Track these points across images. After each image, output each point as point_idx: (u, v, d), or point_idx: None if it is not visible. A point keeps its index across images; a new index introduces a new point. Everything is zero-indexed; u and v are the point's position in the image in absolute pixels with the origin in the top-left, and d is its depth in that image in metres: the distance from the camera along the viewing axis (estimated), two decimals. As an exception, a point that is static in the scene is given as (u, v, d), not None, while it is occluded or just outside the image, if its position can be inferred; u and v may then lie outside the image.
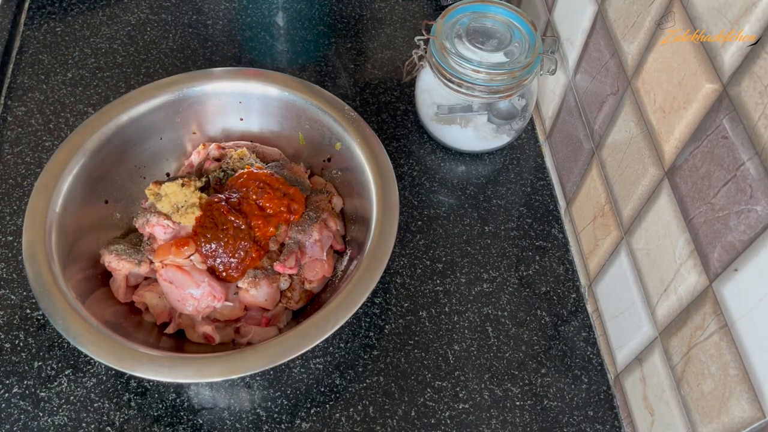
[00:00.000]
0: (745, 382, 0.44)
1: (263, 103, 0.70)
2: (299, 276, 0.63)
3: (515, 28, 0.70)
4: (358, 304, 0.55)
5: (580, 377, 0.63)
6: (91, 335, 0.53)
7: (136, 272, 0.62)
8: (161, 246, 0.61)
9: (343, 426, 0.59)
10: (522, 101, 0.74)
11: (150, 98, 0.66)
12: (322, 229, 0.64)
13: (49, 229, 0.58)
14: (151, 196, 0.63)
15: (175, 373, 0.52)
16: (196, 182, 0.64)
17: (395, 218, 0.60)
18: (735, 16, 0.42)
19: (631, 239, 0.58)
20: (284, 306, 0.63)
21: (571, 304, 0.67)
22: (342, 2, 0.92)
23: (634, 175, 0.57)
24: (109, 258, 0.61)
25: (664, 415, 0.54)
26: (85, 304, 0.56)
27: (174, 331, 0.61)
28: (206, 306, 0.59)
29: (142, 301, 0.62)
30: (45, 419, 0.58)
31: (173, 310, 0.61)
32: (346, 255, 0.66)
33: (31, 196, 0.59)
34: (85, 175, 0.62)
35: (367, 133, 0.65)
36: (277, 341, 0.54)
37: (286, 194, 0.63)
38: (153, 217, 0.62)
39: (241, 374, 0.53)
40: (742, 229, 0.43)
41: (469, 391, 0.62)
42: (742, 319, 0.44)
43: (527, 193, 0.75)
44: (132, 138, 0.66)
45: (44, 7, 0.87)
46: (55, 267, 0.56)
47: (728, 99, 0.44)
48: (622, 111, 0.59)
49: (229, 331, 0.61)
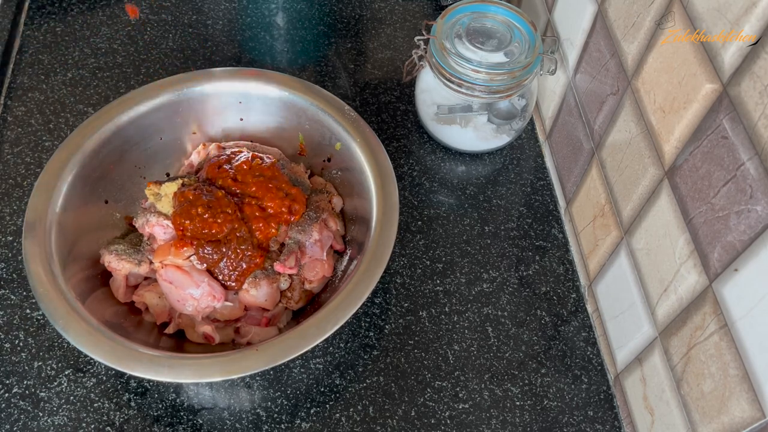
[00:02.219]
0: (745, 382, 0.43)
1: (263, 103, 0.70)
2: (299, 276, 0.63)
3: (515, 28, 0.70)
4: (358, 304, 0.55)
5: (580, 377, 0.63)
6: (91, 335, 0.53)
7: (136, 272, 0.62)
8: (161, 246, 0.61)
9: (343, 426, 0.59)
10: (522, 101, 0.74)
11: (150, 98, 0.66)
12: (322, 229, 0.64)
13: (49, 229, 0.58)
14: (151, 196, 0.63)
15: (175, 373, 0.52)
16: (196, 182, 0.64)
17: (395, 218, 0.60)
18: (735, 16, 0.42)
19: (631, 239, 0.58)
20: (284, 306, 0.63)
21: (571, 304, 0.67)
22: (342, 2, 0.92)
23: (634, 175, 0.57)
24: (109, 258, 0.61)
25: (664, 415, 0.54)
26: (85, 304, 0.56)
27: (174, 331, 0.61)
28: (206, 306, 0.59)
29: (142, 301, 0.62)
30: (45, 419, 0.58)
31: (173, 310, 0.61)
32: (346, 255, 0.66)
33: (31, 196, 0.59)
34: (85, 175, 0.62)
35: (367, 133, 0.65)
36: (277, 341, 0.54)
37: (288, 194, 0.63)
38: (153, 217, 0.62)
39: (241, 374, 0.53)
40: (742, 229, 0.43)
41: (469, 391, 0.62)
42: (742, 319, 0.44)
43: (527, 193, 0.75)
44: (132, 138, 0.66)
45: (44, 7, 0.87)
46: (55, 267, 0.56)
47: (728, 99, 0.44)
48: (622, 111, 0.59)
49: (229, 331, 0.61)
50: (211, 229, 0.59)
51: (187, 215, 0.60)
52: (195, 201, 0.60)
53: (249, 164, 0.64)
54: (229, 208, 0.60)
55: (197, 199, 0.60)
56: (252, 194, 0.62)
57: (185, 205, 0.60)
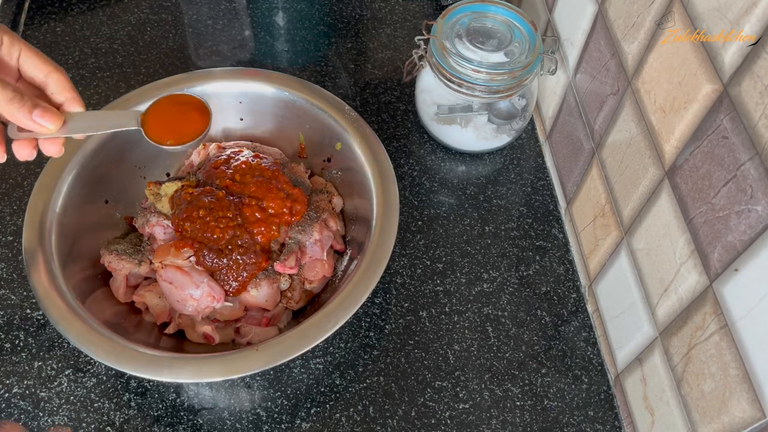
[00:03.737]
0: (746, 382, 0.43)
1: (263, 103, 0.70)
2: (299, 276, 0.63)
3: (515, 28, 0.70)
4: (358, 304, 0.55)
5: (581, 377, 0.63)
6: (91, 336, 0.53)
7: (136, 272, 0.62)
8: (161, 247, 0.61)
9: (343, 426, 0.59)
10: (522, 101, 0.74)
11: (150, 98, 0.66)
12: (322, 229, 0.64)
13: (49, 229, 0.58)
14: (151, 196, 0.63)
15: (175, 373, 0.52)
16: (196, 182, 0.64)
17: (395, 218, 0.60)
18: (735, 16, 0.42)
19: (631, 239, 0.58)
20: (284, 306, 0.63)
21: (571, 304, 0.67)
22: (342, 2, 0.92)
23: (635, 175, 0.57)
24: (109, 258, 0.61)
25: (664, 415, 0.54)
26: (85, 304, 0.56)
27: (174, 332, 0.61)
28: (206, 306, 0.59)
29: (142, 301, 0.62)
30: (45, 419, 0.58)
31: (173, 310, 0.61)
32: (346, 255, 0.66)
33: (31, 196, 0.59)
34: (85, 175, 0.62)
35: (367, 133, 0.65)
36: (277, 341, 0.54)
37: (289, 195, 0.63)
38: (153, 217, 0.62)
39: (241, 374, 0.53)
40: (742, 229, 0.43)
41: (469, 391, 0.62)
42: (742, 319, 0.44)
43: (527, 193, 0.75)
44: (132, 138, 0.66)
45: (44, 7, 0.87)
46: (55, 267, 0.56)
47: (728, 99, 0.44)
48: (623, 111, 0.59)
49: (229, 331, 0.61)
50: (212, 234, 0.59)
51: (188, 217, 0.60)
52: (196, 202, 0.60)
53: (248, 164, 0.64)
54: (229, 212, 0.60)
55: (198, 201, 0.60)
56: (252, 195, 0.62)
57: (186, 207, 0.60)
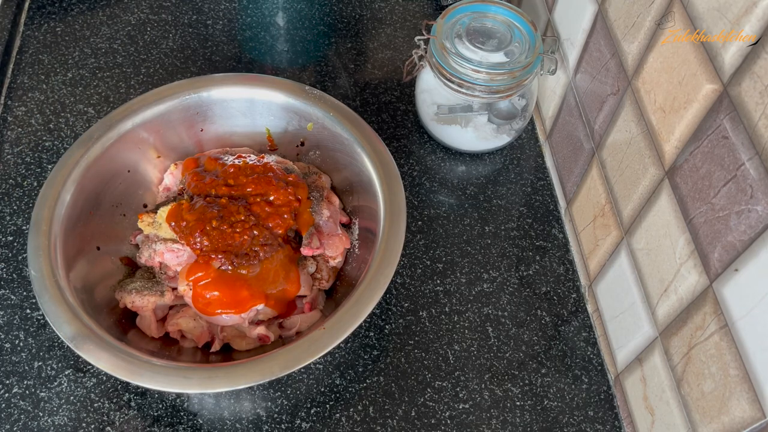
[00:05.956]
0: (746, 382, 0.43)
1: (221, 108, 0.69)
2: (322, 256, 0.64)
3: (515, 28, 0.70)
4: (361, 319, 0.55)
5: (581, 377, 0.63)
6: (101, 348, 0.52)
7: (163, 303, 0.60)
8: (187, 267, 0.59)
9: (343, 426, 0.59)
10: (522, 101, 0.74)
11: (107, 131, 0.64)
12: (329, 206, 0.65)
13: (63, 292, 0.55)
14: (147, 226, 0.61)
15: (179, 384, 0.51)
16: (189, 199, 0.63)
17: (402, 225, 0.60)
18: (735, 16, 0.42)
19: (631, 239, 0.58)
20: (318, 288, 0.64)
21: (571, 304, 0.67)
22: (342, 2, 0.92)
23: (635, 175, 0.57)
24: (131, 298, 0.59)
25: (664, 415, 0.54)
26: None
27: (220, 348, 0.60)
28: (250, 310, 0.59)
29: (177, 329, 0.60)
30: (45, 419, 0.58)
31: (213, 326, 0.60)
32: (354, 224, 0.67)
33: (31, 264, 0.56)
34: (71, 227, 0.60)
35: (368, 133, 0.65)
36: (283, 352, 0.53)
37: (289, 183, 0.63)
38: (158, 245, 0.61)
39: (246, 385, 0.52)
40: (742, 229, 0.43)
41: (469, 391, 0.62)
42: (742, 319, 0.44)
43: (527, 193, 0.75)
44: (102, 178, 0.64)
45: (44, 7, 0.87)
46: (88, 322, 0.54)
47: (728, 99, 0.44)
48: (623, 111, 0.59)
49: (275, 329, 0.61)
50: (234, 240, 0.58)
51: (202, 232, 0.58)
52: (203, 216, 0.59)
53: (236, 166, 0.63)
54: (241, 215, 0.59)
55: (206, 213, 0.59)
56: (252, 193, 0.62)
57: (195, 224, 0.59)
